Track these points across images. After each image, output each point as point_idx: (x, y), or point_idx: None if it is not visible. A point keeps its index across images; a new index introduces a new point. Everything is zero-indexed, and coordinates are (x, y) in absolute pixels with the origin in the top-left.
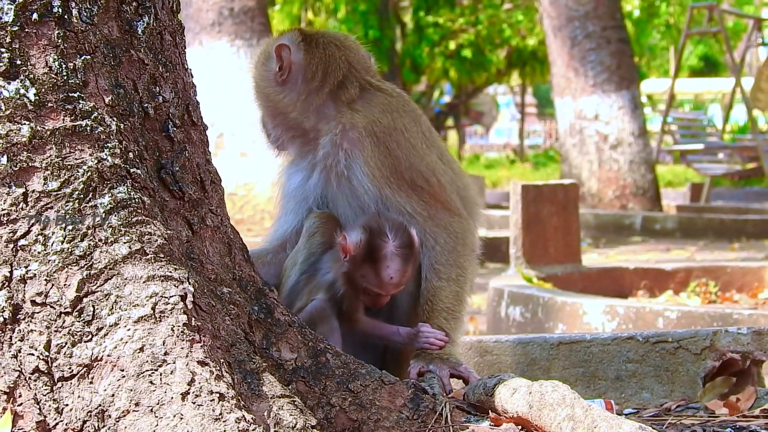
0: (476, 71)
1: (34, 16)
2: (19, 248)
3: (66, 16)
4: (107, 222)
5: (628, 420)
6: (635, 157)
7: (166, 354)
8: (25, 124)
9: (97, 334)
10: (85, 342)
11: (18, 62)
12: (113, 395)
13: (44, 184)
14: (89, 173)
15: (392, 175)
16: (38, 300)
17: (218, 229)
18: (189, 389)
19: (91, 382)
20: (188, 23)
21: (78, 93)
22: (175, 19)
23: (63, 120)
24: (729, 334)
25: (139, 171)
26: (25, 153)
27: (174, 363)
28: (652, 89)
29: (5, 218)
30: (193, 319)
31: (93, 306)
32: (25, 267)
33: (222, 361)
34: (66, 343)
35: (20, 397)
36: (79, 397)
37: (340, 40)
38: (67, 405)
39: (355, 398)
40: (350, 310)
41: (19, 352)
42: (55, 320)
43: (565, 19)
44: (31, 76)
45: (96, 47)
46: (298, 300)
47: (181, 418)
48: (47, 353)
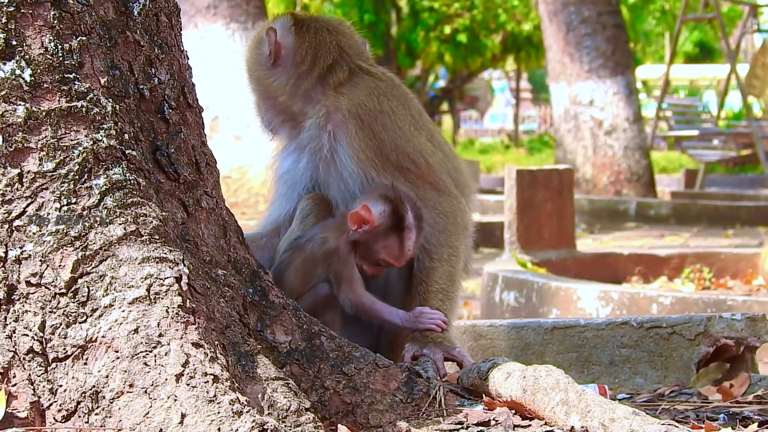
0: (471, 56)
1: None
2: (14, 229)
3: None
4: (102, 203)
5: (621, 405)
6: (630, 143)
7: (160, 335)
8: (20, 104)
9: (91, 315)
10: (80, 323)
11: (14, 43)
12: (107, 376)
13: (39, 164)
14: (85, 154)
15: (377, 158)
16: (33, 281)
17: (213, 211)
18: (183, 371)
19: (85, 363)
20: (183, 6)
21: (74, 74)
22: (171, 1)
23: (58, 101)
24: (723, 320)
25: (134, 152)
26: (20, 134)
27: (168, 345)
28: (647, 75)
29: (0, 198)
30: (188, 300)
31: (88, 287)
32: (20, 247)
33: (216, 343)
34: (60, 324)
35: (14, 377)
36: (73, 378)
37: (333, 24)
38: (61, 386)
39: (349, 381)
40: (351, 281)
41: (14, 332)
42: (50, 301)
43: (560, 4)
44: (27, 56)
45: (92, 28)
46: (285, 274)
47: (175, 400)
48: (42, 334)
